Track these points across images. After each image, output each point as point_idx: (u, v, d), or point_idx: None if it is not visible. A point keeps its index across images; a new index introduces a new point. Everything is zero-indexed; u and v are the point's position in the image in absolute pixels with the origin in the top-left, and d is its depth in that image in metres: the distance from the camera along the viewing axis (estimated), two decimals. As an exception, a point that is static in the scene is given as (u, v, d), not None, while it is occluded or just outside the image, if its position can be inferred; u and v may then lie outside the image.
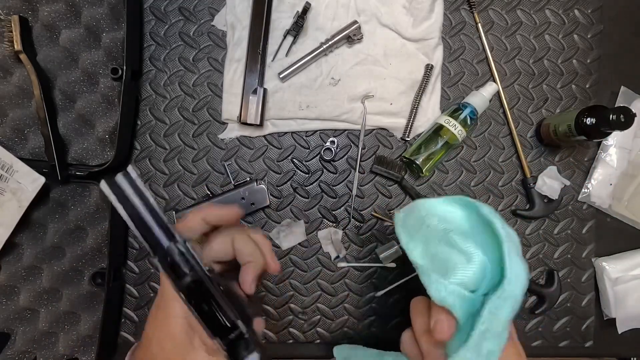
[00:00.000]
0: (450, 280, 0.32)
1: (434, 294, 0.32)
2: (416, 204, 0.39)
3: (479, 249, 0.34)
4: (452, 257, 0.34)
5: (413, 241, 0.37)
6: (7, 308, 0.51)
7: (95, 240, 0.53)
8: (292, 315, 0.56)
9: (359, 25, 0.54)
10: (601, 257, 0.57)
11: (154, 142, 0.55)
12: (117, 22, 0.53)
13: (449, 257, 0.34)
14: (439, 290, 0.32)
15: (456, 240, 0.34)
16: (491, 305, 0.30)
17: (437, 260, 0.34)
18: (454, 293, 0.31)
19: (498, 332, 0.30)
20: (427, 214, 0.37)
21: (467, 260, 0.33)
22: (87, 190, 0.53)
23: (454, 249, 0.34)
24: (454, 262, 0.33)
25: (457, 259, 0.33)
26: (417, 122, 0.56)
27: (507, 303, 0.30)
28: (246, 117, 0.53)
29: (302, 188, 0.56)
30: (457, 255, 0.34)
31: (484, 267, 0.33)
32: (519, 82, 0.57)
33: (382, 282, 0.56)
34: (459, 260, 0.33)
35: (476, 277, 0.33)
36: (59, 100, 0.53)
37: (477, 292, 0.33)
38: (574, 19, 0.58)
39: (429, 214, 0.37)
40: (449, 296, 0.31)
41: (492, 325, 0.29)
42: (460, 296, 0.32)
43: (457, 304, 0.31)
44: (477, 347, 0.29)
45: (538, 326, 0.57)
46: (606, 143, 0.57)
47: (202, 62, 0.56)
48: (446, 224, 0.36)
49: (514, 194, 0.57)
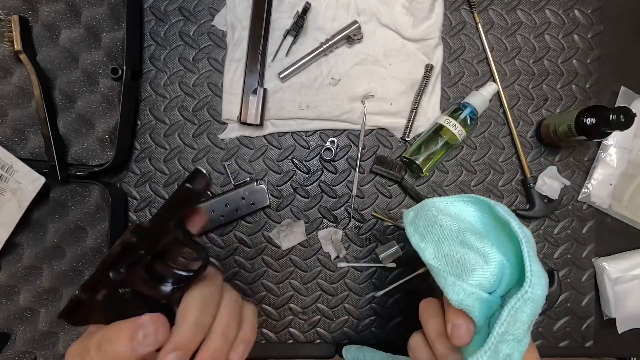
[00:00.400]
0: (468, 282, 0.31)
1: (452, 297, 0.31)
2: (426, 203, 0.38)
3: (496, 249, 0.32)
4: (468, 258, 0.32)
5: (425, 241, 0.36)
6: (7, 308, 0.51)
7: (95, 240, 0.53)
8: (292, 315, 0.56)
9: (359, 25, 0.54)
10: (601, 257, 0.57)
11: (154, 142, 0.55)
12: (117, 22, 0.53)
13: (464, 258, 0.32)
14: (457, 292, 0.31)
15: (471, 240, 0.33)
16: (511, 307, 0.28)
17: (451, 260, 0.33)
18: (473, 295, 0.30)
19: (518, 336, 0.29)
20: (439, 213, 0.36)
21: (484, 261, 0.32)
22: (87, 190, 0.53)
23: (469, 249, 0.33)
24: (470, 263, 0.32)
25: (473, 259, 0.32)
26: (417, 122, 0.56)
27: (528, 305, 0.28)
28: (246, 117, 0.53)
29: (302, 188, 0.56)
30: (473, 256, 0.32)
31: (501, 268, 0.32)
32: (519, 82, 0.57)
33: (382, 282, 0.56)
34: (475, 261, 0.32)
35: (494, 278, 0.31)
36: (59, 100, 0.53)
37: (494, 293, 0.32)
38: (574, 19, 0.58)
39: (441, 214, 0.36)
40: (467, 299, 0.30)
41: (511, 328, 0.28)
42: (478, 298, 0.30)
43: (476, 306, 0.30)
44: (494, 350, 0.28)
45: (538, 326, 0.57)
46: (606, 143, 0.57)
47: (202, 62, 0.56)
48: (460, 223, 0.35)
49: (514, 194, 0.57)
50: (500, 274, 0.32)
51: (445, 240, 0.34)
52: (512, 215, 0.33)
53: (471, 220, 0.37)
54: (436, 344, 0.33)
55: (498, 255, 0.32)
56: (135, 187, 0.55)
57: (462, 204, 0.37)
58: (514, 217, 0.33)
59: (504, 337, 0.28)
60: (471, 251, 0.33)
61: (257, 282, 0.55)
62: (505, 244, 0.33)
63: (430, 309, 0.35)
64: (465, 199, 0.37)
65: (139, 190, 0.55)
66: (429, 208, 0.37)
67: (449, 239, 0.34)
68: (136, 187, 0.55)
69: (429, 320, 0.34)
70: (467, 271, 0.32)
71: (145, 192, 0.55)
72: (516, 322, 0.28)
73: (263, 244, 0.56)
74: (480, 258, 0.32)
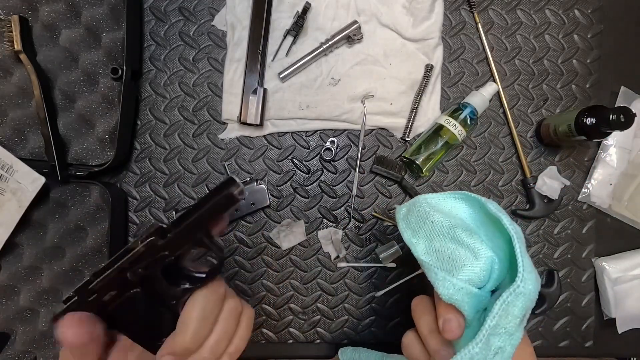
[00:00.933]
0: (458, 277, 0.31)
1: (442, 292, 0.31)
2: (419, 199, 0.38)
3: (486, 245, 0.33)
4: (458, 254, 0.33)
5: (416, 237, 0.36)
6: (7, 308, 0.51)
7: (95, 240, 0.53)
8: (292, 315, 0.56)
9: (359, 25, 0.54)
10: (601, 257, 0.57)
11: (154, 142, 0.55)
12: (117, 22, 0.53)
13: (455, 254, 0.33)
14: (447, 287, 0.31)
15: (462, 236, 0.34)
16: (503, 301, 0.29)
17: (442, 256, 0.34)
18: (462, 290, 0.31)
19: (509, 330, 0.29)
20: (431, 210, 0.36)
21: (474, 256, 0.32)
22: (87, 190, 0.53)
23: (459, 245, 0.33)
24: (460, 258, 0.33)
25: (463, 255, 0.33)
26: (417, 122, 0.56)
27: (520, 299, 0.29)
28: (246, 117, 0.53)
29: (302, 188, 0.56)
30: (463, 252, 0.33)
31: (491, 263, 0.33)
32: (519, 82, 0.57)
33: (382, 282, 0.56)
34: (465, 256, 0.33)
35: (484, 273, 0.32)
36: (59, 100, 0.53)
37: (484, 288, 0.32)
38: (574, 19, 0.58)
39: (433, 210, 0.37)
40: (457, 293, 0.31)
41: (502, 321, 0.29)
42: (468, 293, 0.31)
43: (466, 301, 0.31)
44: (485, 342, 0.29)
45: (538, 326, 0.57)
46: (606, 143, 0.57)
47: (202, 62, 0.56)
48: (451, 219, 0.36)
49: (514, 194, 0.57)
50: (489, 270, 0.33)
51: (436, 236, 0.35)
52: (504, 212, 0.34)
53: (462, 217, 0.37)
54: (429, 339, 0.34)
55: (488, 251, 0.33)
56: (135, 187, 0.55)
57: (453, 200, 0.38)
58: (505, 214, 0.34)
59: (496, 330, 0.29)
60: (462, 247, 0.33)
61: (257, 282, 0.55)
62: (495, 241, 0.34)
63: (422, 305, 0.36)
64: (457, 196, 0.38)
65: (139, 190, 0.55)
66: (421, 204, 0.38)
67: (440, 235, 0.35)
68: (136, 187, 0.55)
69: (421, 317, 0.35)
70: (457, 267, 0.32)
71: (145, 192, 0.55)
72: (508, 315, 0.29)
73: (263, 244, 0.56)
74: (470, 254, 0.33)
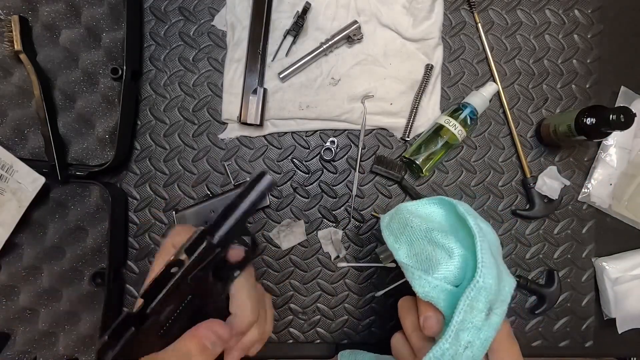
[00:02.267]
0: (434, 275, 0.34)
1: (418, 289, 0.33)
2: (400, 207, 0.41)
3: (460, 245, 0.35)
4: (435, 254, 0.35)
5: (399, 242, 0.39)
6: (7, 308, 0.51)
7: (95, 240, 0.53)
8: (292, 315, 0.56)
9: (359, 25, 0.54)
10: (601, 257, 0.57)
11: (154, 142, 0.55)
12: (117, 22, 0.53)
13: (432, 255, 0.35)
14: (423, 285, 0.33)
15: (438, 238, 0.36)
16: (466, 296, 0.31)
17: (421, 258, 0.36)
18: (437, 288, 0.33)
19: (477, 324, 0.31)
20: (410, 216, 0.39)
21: (448, 255, 0.34)
22: (87, 190, 0.53)
23: (436, 246, 0.36)
24: (436, 258, 0.35)
25: (439, 255, 0.35)
26: (417, 122, 0.56)
27: (482, 294, 0.31)
28: (246, 117, 0.53)
29: (302, 188, 0.56)
30: (439, 252, 0.35)
31: (465, 262, 0.34)
32: (519, 82, 0.57)
33: (382, 282, 0.56)
34: (441, 256, 0.35)
35: (458, 271, 0.34)
36: (59, 100, 0.53)
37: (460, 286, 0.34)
38: (574, 19, 0.58)
39: (412, 215, 0.39)
40: (432, 291, 0.33)
41: (468, 316, 0.30)
42: (443, 290, 0.33)
43: (441, 298, 0.33)
44: (455, 338, 0.30)
45: (538, 326, 0.57)
46: (606, 143, 0.57)
47: (202, 62, 0.56)
48: (428, 223, 0.38)
49: (514, 194, 0.57)
50: (464, 267, 0.34)
51: (416, 240, 0.37)
52: (472, 213, 0.36)
53: (439, 220, 0.40)
54: (412, 337, 0.35)
55: (461, 249, 0.35)
56: (135, 187, 0.55)
57: (431, 205, 0.41)
58: (474, 214, 0.36)
59: (464, 325, 0.31)
60: (438, 248, 0.35)
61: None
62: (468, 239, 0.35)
63: (407, 306, 0.37)
64: (434, 201, 0.41)
65: (139, 190, 0.55)
66: (402, 211, 0.40)
67: (419, 238, 0.37)
68: (136, 187, 0.55)
69: (406, 317, 0.37)
70: (433, 266, 0.34)
71: (145, 192, 0.55)
72: (473, 310, 0.31)
73: (263, 244, 0.56)
74: (445, 253, 0.35)
